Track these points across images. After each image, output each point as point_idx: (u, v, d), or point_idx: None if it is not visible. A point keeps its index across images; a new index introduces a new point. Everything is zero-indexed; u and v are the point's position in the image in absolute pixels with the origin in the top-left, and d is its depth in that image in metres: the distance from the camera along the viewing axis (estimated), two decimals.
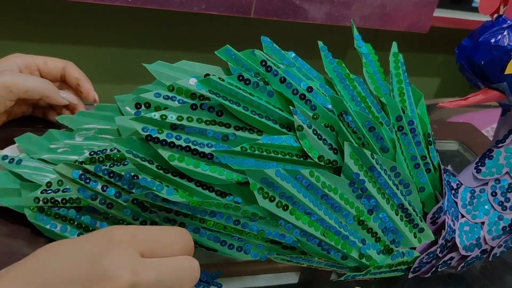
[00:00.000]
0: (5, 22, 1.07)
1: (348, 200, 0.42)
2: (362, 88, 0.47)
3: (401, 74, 0.48)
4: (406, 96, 0.48)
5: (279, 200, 0.40)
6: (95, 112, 0.50)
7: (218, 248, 0.42)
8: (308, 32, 1.26)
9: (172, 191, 0.39)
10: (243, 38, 1.24)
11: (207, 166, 0.40)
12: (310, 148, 0.41)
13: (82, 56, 1.16)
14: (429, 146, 0.47)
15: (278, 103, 0.43)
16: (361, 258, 0.43)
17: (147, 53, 1.20)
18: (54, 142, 0.48)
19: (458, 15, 1.27)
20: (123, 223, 0.42)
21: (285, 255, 0.42)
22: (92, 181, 0.40)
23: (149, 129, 0.39)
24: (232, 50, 0.45)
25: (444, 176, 0.47)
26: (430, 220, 0.46)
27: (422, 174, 0.46)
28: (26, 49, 1.11)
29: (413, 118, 0.46)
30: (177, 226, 0.40)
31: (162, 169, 0.40)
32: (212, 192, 0.40)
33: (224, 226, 0.40)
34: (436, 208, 0.45)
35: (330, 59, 0.48)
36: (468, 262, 0.48)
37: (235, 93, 0.42)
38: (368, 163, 0.42)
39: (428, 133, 0.47)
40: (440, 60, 1.52)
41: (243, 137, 0.41)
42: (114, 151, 0.42)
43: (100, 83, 1.20)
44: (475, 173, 0.49)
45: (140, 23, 1.16)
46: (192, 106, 0.40)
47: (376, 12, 1.13)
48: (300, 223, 0.40)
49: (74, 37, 1.13)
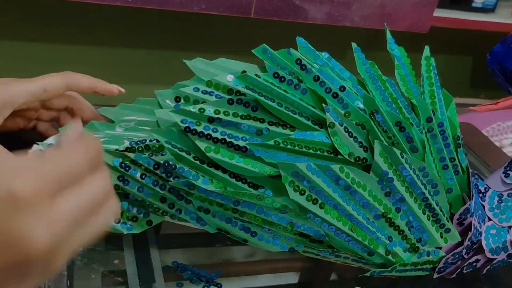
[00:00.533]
0: (5, 22, 1.07)
1: (377, 197, 0.43)
2: (393, 90, 0.48)
3: (432, 77, 0.49)
4: (436, 99, 0.49)
5: (309, 194, 0.41)
6: (135, 105, 0.51)
7: (249, 239, 0.44)
8: (308, 32, 1.26)
9: (207, 181, 0.41)
10: (243, 38, 1.24)
11: (241, 158, 0.41)
12: (341, 145, 0.43)
13: (82, 56, 1.16)
14: (458, 149, 0.48)
15: (311, 100, 0.45)
16: (387, 255, 0.44)
17: (147, 53, 1.20)
18: (96, 132, 0.49)
19: (458, 15, 1.27)
20: (159, 211, 0.43)
21: (313, 248, 0.43)
22: (131, 169, 0.42)
23: (187, 121, 0.41)
24: (268, 49, 0.46)
25: (472, 179, 0.48)
26: (456, 221, 0.47)
27: (451, 176, 0.47)
28: (26, 49, 1.11)
29: (443, 120, 0.47)
30: (210, 216, 0.42)
31: (199, 160, 0.42)
32: (245, 183, 0.42)
33: (255, 217, 0.42)
34: (463, 209, 0.46)
35: (363, 60, 0.49)
36: (494, 265, 0.49)
37: (270, 90, 0.43)
38: (397, 161, 0.43)
39: (457, 135, 0.48)
40: (440, 60, 1.52)
41: (276, 132, 0.42)
42: (153, 142, 0.43)
43: None
44: (503, 177, 0.49)
45: (140, 23, 1.16)
46: (229, 101, 0.42)
47: (376, 12, 1.13)
48: (328, 217, 0.42)
49: (73, 37, 1.13)
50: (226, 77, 0.44)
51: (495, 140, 1.15)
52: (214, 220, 0.43)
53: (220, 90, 0.44)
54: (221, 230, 0.44)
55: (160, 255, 0.47)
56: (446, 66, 1.54)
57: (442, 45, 1.47)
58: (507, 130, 1.17)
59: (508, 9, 1.37)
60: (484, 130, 1.15)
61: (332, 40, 1.30)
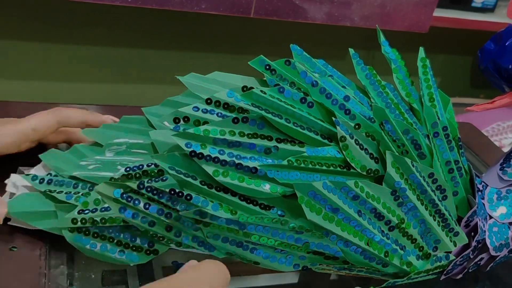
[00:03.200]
0: (5, 22, 1.07)
1: (390, 209, 0.43)
2: (393, 95, 0.47)
3: (430, 79, 0.49)
4: (436, 101, 0.48)
5: (326, 212, 0.40)
6: (121, 124, 0.48)
7: (260, 261, 0.42)
8: (308, 32, 1.26)
9: (218, 207, 0.39)
10: (243, 38, 1.24)
11: (251, 180, 0.40)
12: (353, 158, 0.42)
13: (82, 56, 1.16)
14: (460, 150, 0.48)
15: (319, 114, 0.43)
16: (402, 265, 0.44)
17: (146, 53, 1.20)
18: (82, 157, 0.46)
19: (458, 15, 1.27)
20: (163, 240, 0.42)
21: (327, 265, 0.43)
22: (134, 200, 0.40)
23: (192, 145, 0.39)
24: (266, 60, 0.45)
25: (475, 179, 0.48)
26: (464, 224, 0.47)
27: (456, 179, 0.47)
28: (26, 49, 1.11)
29: (446, 123, 0.47)
30: (219, 241, 0.41)
31: (206, 185, 0.40)
32: (256, 206, 0.40)
33: (268, 239, 0.41)
34: (471, 212, 0.46)
35: (362, 66, 0.48)
36: (496, 262, 0.49)
37: (277, 106, 0.42)
38: (409, 171, 0.43)
39: (458, 137, 0.48)
40: (440, 60, 1.52)
41: (286, 150, 0.41)
42: (151, 167, 0.41)
43: (100, 83, 1.20)
44: (500, 174, 0.50)
45: (140, 23, 1.16)
46: (234, 120, 0.40)
47: (376, 12, 1.13)
48: (345, 234, 0.41)
49: (73, 37, 1.13)
50: (226, 94, 0.42)
51: (495, 140, 1.15)
52: (224, 245, 0.41)
53: (221, 108, 0.42)
54: (231, 254, 0.42)
55: (160, 255, 0.47)
56: (445, 66, 1.54)
57: (442, 45, 1.47)
58: (507, 130, 1.17)
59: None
60: (483, 130, 1.15)
61: (332, 40, 1.30)
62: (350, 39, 1.28)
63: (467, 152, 0.74)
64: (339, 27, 1.16)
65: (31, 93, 1.15)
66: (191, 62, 1.24)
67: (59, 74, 1.16)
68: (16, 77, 1.13)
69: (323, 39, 1.29)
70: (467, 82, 1.59)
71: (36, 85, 1.16)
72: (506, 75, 0.45)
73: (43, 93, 1.16)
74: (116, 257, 0.42)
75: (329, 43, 1.30)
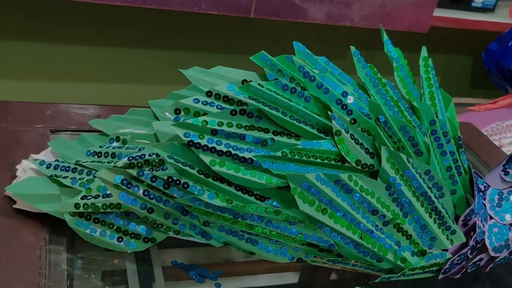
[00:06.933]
0: (6, 22, 1.07)
1: (385, 204, 0.43)
2: (394, 93, 0.48)
3: (431, 78, 0.49)
4: (436, 100, 0.48)
5: (319, 204, 0.41)
6: (128, 116, 0.50)
7: (256, 251, 0.43)
8: (308, 32, 1.26)
9: (213, 195, 0.40)
10: (243, 38, 1.24)
11: (247, 170, 0.41)
12: (348, 152, 0.43)
13: (82, 56, 1.16)
14: (459, 149, 0.48)
15: (315, 108, 0.44)
16: (396, 261, 0.44)
17: (146, 53, 1.20)
18: (88, 146, 0.48)
19: (458, 15, 1.27)
20: (162, 227, 0.43)
21: (322, 258, 0.43)
22: (134, 186, 0.41)
23: (190, 135, 0.40)
24: (267, 55, 0.46)
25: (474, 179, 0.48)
26: (461, 222, 0.47)
27: (454, 177, 0.47)
28: (26, 49, 1.11)
29: (445, 122, 0.47)
30: (215, 230, 0.42)
31: (203, 174, 0.41)
32: (251, 196, 0.41)
33: (263, 230, 0.41)
34: (469, 210, 0.46)
35: (362, 64, 0.48)
36: (496, 263, 0.49)
37: (274, 99, 0.43)
38: (404, 167, 0.43)
39: (458, 136, 0.48)
40: (439, 60, 1.52)
41: (282, 142, 0.42)
42: (153, 156, 0.42)
43: (100, 83, 1.20)
44: (503, 175, 0.50)
45: (140, 23, 1.16)
46: (232, 112, 0.42)
47: (376, 12, 1.13)
48: (338, 226, 0.42)
49: (73, 37, 1.13)
50: (226, 87, 0.43)
51: (494, 139, 1.15)
52: (220, 234, 0.42)
53: (221, 100, 0.44)
54: (227, 244, 0.43)
55: (160, 255, 0.47)
56: (445, 65, 1.54)
57: (442, 45, 1.47)
58: (506, 130, 1.17)
59: (508, 9, 1.37)
60: (483, 129, 1.15)
61: (332, 40, 1.30)
62: (350, 39, 1.28)
63: (467, 152, 0.75)
64: (339, 27, 1.16)
65: (31, 93, 1.16)
66: (191, 62, 1.24)
67: (59, 74, 1.16)
68: (16, 77, 1.13)
69: (323, 39, 1.29)
70: (467, 82, 1.59)
71: (36, 85, 1.16)
72: (509, 76, 0.46)
73: (43, 93, 1.16)
74: (114, 243, 0.43)
75: (329, 43, 1.30)
